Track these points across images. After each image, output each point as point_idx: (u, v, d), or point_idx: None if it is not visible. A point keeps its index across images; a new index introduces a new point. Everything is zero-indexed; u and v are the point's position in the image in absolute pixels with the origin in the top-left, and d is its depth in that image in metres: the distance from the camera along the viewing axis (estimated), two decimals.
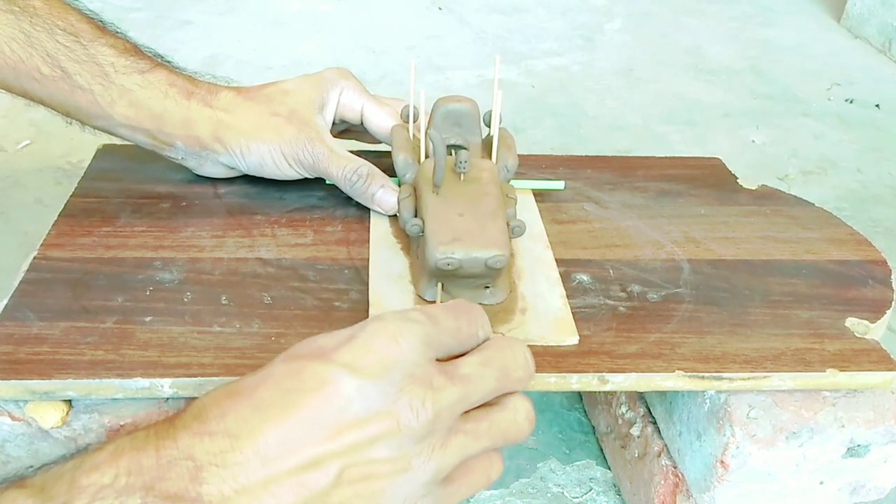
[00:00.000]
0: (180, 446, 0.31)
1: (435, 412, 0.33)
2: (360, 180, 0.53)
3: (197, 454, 0.31)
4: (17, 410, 0.42)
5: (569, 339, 0.45)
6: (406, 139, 0.54)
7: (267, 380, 0.33)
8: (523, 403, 0.37)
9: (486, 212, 0.47)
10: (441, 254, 0.44)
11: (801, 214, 0.59)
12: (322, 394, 0.32)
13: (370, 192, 0.53)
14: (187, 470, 0.30)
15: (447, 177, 0.49)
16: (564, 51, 1.31)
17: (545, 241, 0.53)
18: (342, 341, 0.34)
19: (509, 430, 0.36)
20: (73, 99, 0.51)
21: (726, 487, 0.45)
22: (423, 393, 0.33)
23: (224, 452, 0.31)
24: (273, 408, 0.32)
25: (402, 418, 0.32)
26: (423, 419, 0.33)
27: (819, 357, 0.45)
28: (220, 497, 0.30)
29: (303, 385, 0.32)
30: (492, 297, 0.47)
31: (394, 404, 0.32)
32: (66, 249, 0.50)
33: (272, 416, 0.32)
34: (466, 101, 0.53)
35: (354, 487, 0.32)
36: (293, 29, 1.32)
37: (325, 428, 0.32)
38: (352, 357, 0.33)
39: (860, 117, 1.16)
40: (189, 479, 0.30)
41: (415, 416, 0.33)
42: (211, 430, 0.31)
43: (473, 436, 0.35)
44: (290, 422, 0.32)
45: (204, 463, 0.31)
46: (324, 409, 0.32)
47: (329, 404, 0.32)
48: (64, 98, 0.51)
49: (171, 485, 0.30)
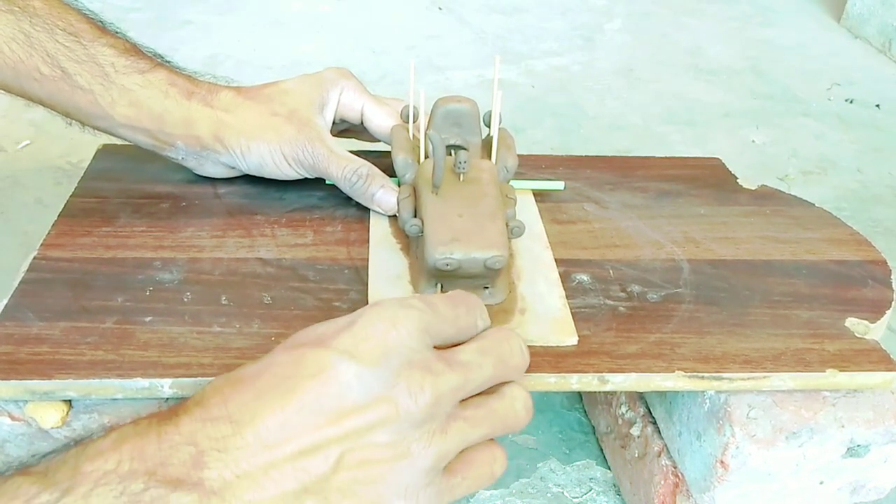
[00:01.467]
0: (182, 432, 0.31)
1: (434, 397, 0.33)
2: (359, 180, 0.53)
3: (199, 439, 0.31)
4: (16, 410, 0.42)
5: (568, 339, 0.45)
6: (406, 139, 0.54)
7: (268, 367, 0.34)
8: (520, 392, 0.38)
9: (486, 212, 0.47)
10: (440, 254, 0.44)
11: (801, 214, 0.59)
12: (321, 380, 0.32)
13: (370, 192, 0.53)
14: (189, 455, 0.31)
15: (446, 177, 0.48)
16: (564, 51, 1.31)
17: (545, 241, 0.53)
18: (341, 328, 0.34)
19: (507, 418, 0.37)
20: (73, 99, 0.51)
21: (726, 487, 0.45)
22: (422, 378, 0.33)
23: (225, 437, 0.31)
24: (274, 394, 0.32)
25: (401, 403, 0.33)
26: (421, 404, 0.33)
27: (819, 357, 0.45)
28: (222, 481, 0.31)
29: (303, 371, 0.33)
30: (491, 298, 0.47)
31: (393, 389, 0.33)
32: (65, 249, 0.50)
33: (273, 402, 0.32)
34: (466, 102, 0.53)
35: (354, 472, 0.32)
36: (293, 29, 1.32)
37: (324, 413, 0.32)
38: (351, 343, 0.33)
39: (860, 117, 1.16)
40: (191, 463, 0.31)
41: (413, 400, 0.33)
42: (213, 416, 0.32)
43: (472, 422, 0.35)
44: (290, 407, 0.32)
45: (206, 448, 0.31)
46: (323, 395, 0.32)
47: (328, 390, 0.32)
48: (64, 98, 0.51)
49: (173, 470, 0.30)
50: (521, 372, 0.38)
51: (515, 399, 0.37)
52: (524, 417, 0.38)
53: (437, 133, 0.50)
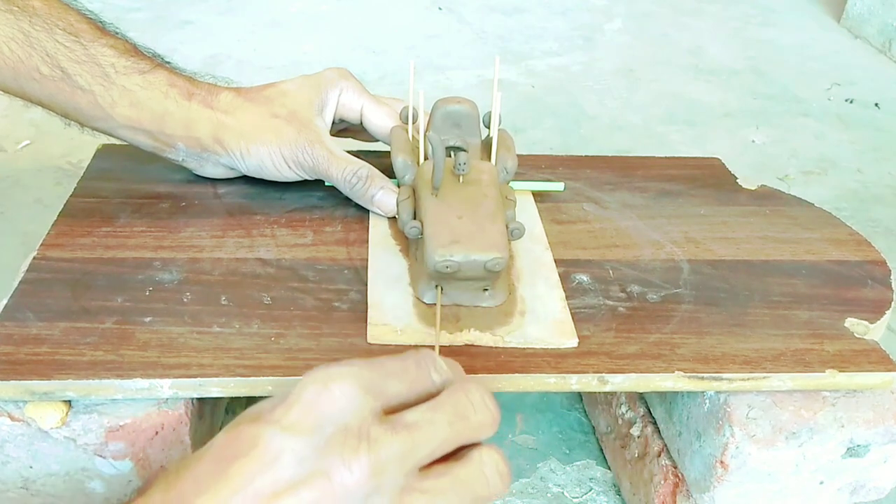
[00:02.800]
0: None
1: (372, 466, 0.30)
2: (359, 182, 0.53)
3: None
4: (16, 411, 0.42)
5: (568, 341, 0.45)
6: (405, 140, 0.54)
7: (209, 450, 0.31)
8: (491, 455, 0.33)
9: (486, 214, 0.47)
10: (440, 256, 0.44)
11: (801, 215, 0.59)
12: (252, 457, 0.30)
13: (370, 193, 0.53)
14: None
15: (446, 179, 0.48)
16: (564, 51, 1.31)
17: (545, 242, 0.53)
18: (278, 401, 0.32)
19: (476, 487, 0.32)
20: (73, 100, 0.51)
21: (726, 487, 0.45)
22: (357, 444, 0.30)
23: None
24: (209, 480, 0.30)
25: (334, 475, 0.30)
26: (358, 475, 0.30)
27: (818, 358, 0.45)
28: None
29: (237, 451, 0.30)
30: (491, 300, 0.47)
31: (324, 460, 0.30)
32: (65, 249, 0.50)
33: (207, 490, 0.30)
34: (466, 103, 0.53)
35: None
36: (293, 29, 1.32)
37: (258, 496, 0.29)
38: (282, 413, 0.31)
39: (860, 117, 1.16)
40: None
41: (349, 471, 0.30)
42: None
43: (433, 495, 0.31)
44: (223, 493, 0.30)
45: None
46: (257, 475, 0.30)
47: (261, 468, 0.30)
48: (64, 99, 0.51)
49: None
50: (490, 429, 0.33)
51: (484, 464, 0.33)
52: (498, 485, 0.33)
53: (437, 134, 0.50)
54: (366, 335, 0.45)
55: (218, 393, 0.42)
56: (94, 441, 0.42)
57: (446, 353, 0.43)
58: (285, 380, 0.42)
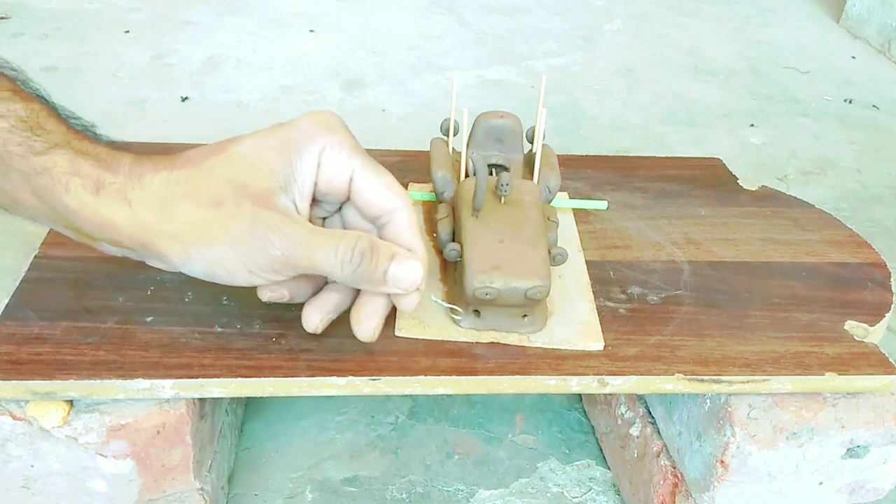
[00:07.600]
0: None
1: None
2: (363, 260, 0.39)
3: None
4: (18, 410, 0.42)
5: (594, 344, 0.45)
6: (445, 154, 0.51)
7: None
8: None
9: (528, 238, 0.45)
10: (479, 283, 0.43)
11: (801, 216, 0.59)
12: None
13: (380, 270, 0.40)
14: None
15: (487, 199, 0.46)
16: (564, 51, 1.31)
17: (577, 244, 0.53)
18: None
19: None
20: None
21: (726, 487, 0.45)
22: None
23: None
24: None
25: None
26: None
27: (818, 360, 0.45)
28: None
29: None
30: (530, 326, 0.45)
31: None
32: (67, 248, 0.50)
33: None
34: (509, 118, 0.52)
35: None
36: (293, 29, 1.31)
37: None
38: None
39: (859, 118, 1.16)
40: None
41: None
42: None
43: None
44: None
45: None
46: None
47: None
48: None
49: None
50: None
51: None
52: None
53: (479, 152, 0.49)
54: (394, 327, 0.45)
55: (219, 393, 0.42)
56: (96, 440, 0.42)
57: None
58: (287, 380, 0.42)
